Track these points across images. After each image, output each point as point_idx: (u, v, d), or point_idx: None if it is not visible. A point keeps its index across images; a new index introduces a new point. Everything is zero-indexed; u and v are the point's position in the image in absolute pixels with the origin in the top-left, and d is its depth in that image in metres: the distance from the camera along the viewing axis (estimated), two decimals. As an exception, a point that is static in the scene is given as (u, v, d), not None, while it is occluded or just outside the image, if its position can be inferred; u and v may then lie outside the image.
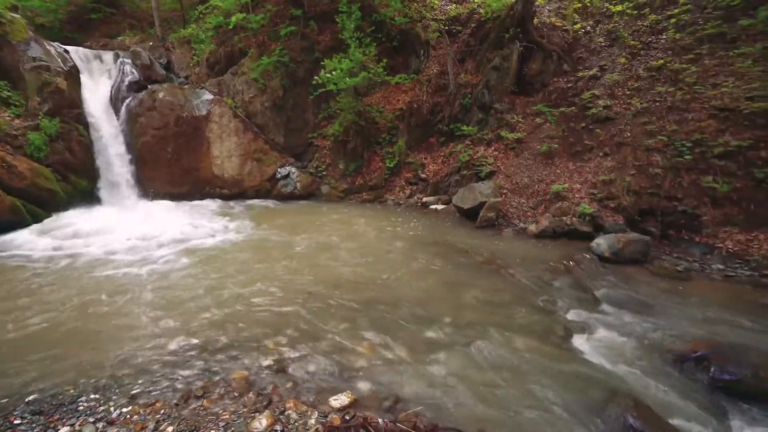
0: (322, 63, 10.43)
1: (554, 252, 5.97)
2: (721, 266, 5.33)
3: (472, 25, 11.45)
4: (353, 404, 2.92)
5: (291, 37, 11.48)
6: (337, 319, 4.13)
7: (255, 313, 4.22)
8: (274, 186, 10.95)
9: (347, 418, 2.74)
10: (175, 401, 2.87)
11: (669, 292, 4.78)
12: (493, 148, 9.45)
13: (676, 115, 7.11)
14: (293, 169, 11.14)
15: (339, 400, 2.93)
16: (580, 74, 9.32)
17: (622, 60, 8.83)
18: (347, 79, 9.92)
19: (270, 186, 10.94)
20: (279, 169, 11.09)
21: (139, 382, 3.08)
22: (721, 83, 7.05)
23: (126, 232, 6.83)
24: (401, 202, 9.93)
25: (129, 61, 10.80)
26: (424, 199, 9.55)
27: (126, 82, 10.32)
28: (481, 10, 11.32)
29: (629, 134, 7.34)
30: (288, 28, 11.30)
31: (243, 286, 4.84)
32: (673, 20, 8.70)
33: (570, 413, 2.90)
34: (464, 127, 10.15)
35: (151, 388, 3.01)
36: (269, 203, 10.42)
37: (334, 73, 10.06)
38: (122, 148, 9.78)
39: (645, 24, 9.21)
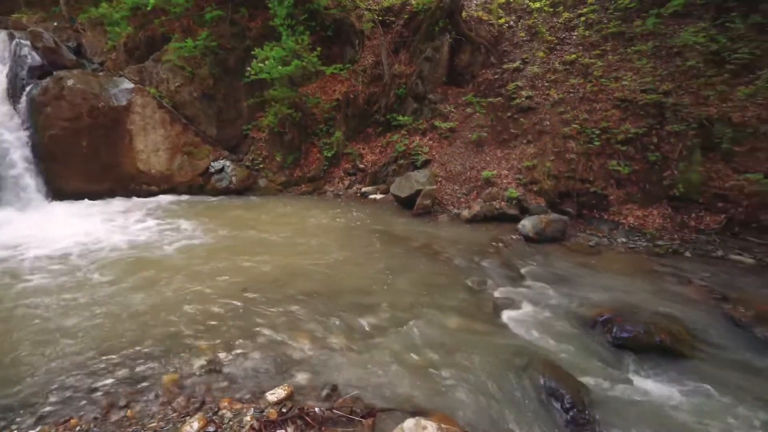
0: (253, 52, 10.03)
1: (485, 235, 6.36)
2: (624, 239, 6.02)
3: (405, 16, 11.60)
4: (291, 396, 2.94)
5: (219, 22, 10.86)
6: (276, 314, 4.09)
7: (186, 315, 4.04)
8: (207, 181, 10.41)
9: (284, 410, 2.76)
10: (94, 415, 2.69)
11: (582, 266, 5.31)
12: (428, 137, 9.73)
13: (586, 105, 7.82)
14: (228, 163, 10.66)
15: (276, 394, 2.93)
16: (505, 66, 9.85)
17: (541, 54, 9.48)
18: (280, 67, 9.64)
19: (203, 181, 10.38)
20: (212, 163, 10.55)
21: (51, 399, 2.84)
22: (622, 77, 7.86)
23: (31, 235, 6.14)
24: (340, 193, 9.93)
25: (27, 43, 9.57)
26: (363, 189, 9.63)
27: (25, 68, 9.16)
28: (413, 1, 11.49)
29: (548, 123, 7.95)
30: (214, 12, 10.68)
31: (170, 288, 4.60)
32: (582, 18, 9.49)
33: (495, 382, 3.15)
34: (400, 117, 10.34)
35: (65, 405, 2.79)
36: (202, 199, 9.90)
37: (266, 62, 9.73)
38: (24, 142, 8.71)
39: (559, 21, 9.95)
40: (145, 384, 3.01)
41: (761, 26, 7.22)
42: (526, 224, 6.22)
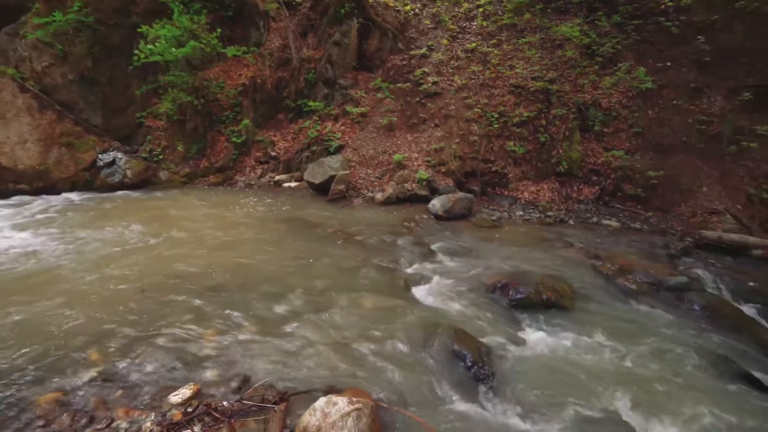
0: (139, 29, 8.99)
1: (398, 216, 6.57)
2: (521, 213, 6.66)
3: (311, -2, 11.29)
4: (197, 394, 2.78)
5: (94, -7, 9.52)
6: (180, 312, 3.81)
7: (73, 327, 3.57)
8: (96, 175, 9.20)
9: (189, 410, 2.61)
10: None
11: (486, 239, 5.77)
12: (340, 122, 9.69)
13: (486, 90, 8.41)
14: (120, 155, 9.52)
15: (180, 395, 2.75)
16: (412, 53, 10.14)
17: (445, 41, 9.92)
18: (174, 49, 8.79)
19: (90, 176, 9.16)
20: (100, 156, 9.35)
21: None
22: (516, 65, 8.57)
23: None
24: (253, 182, 9.49)
25: None
26: (277, 178, 9.32)
27: None
28: (318, -17, 11.21)
29: (453, 107, 8.40)
30: (87, -20, 9.32)
31: (53, 301, 4.03)
32: (480, 9, 10.11)
33: (406, 352, 3.31)
34: (311, 103, 10.13)
35: None
36: (92, 196, 8.75)
37: (157, 43, 8.79)
38: None
39: (461, 11, 10.48)
40: (15, 411, 2.62)
41: (621, 25, 8.36)
42: (436, 204, 6.56)
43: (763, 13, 6.82)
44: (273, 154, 10.15)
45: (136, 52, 8.84)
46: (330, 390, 2.82)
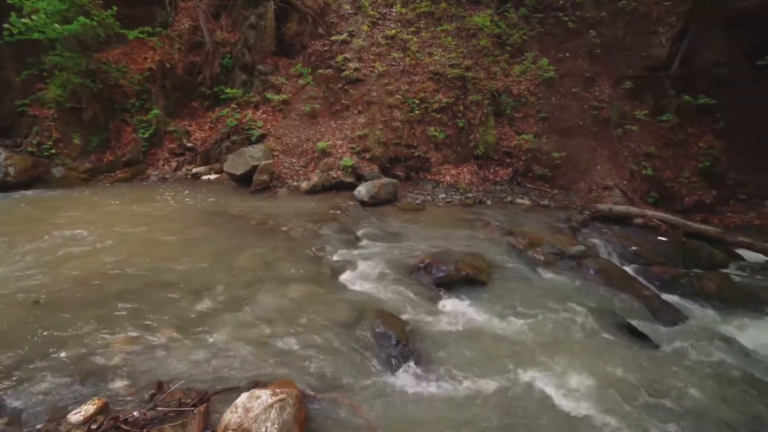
0: (10, 1, 7.72)
1: (324, 204, 6.52)
2: (444, 195, 6.98)
3: (222, -24, 10.54)
4: (103, 409, 2.55)
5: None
6: (83, 322, 3.44)
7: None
8: (-35, 175, 7.88)
9: (93, 427, 2.39)
10: None
11: (411, 222, 5.96)
12: (261, 110, 9.28)
13: (407, 77, 8.57)
14: (-3, 150, 8.24)
15: (82, 412, 2.50)
16: (333, 38, 9.96)
17: (366, 28, 9.88)
18: (57, 25, 7.71)
19: (-43, 176, 7.82)
20: (-31, 151, 8.01)
21: None
22: (434, 53, 8.83)
23: None
24: (168, 176, 8.78)
25: None
26: (194, 170, 8.72)
27: None
28: (229, -39, 10.49)
29: (375, 94, 8.45)
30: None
31: None
32: (399, -5, 10.20)
33: (333, 338, 3.33)
34: (229, 90, 9.57)
35: None
36: (-40, 199, 7.47)
37: (35, 17, 7.64)
38: None
39: (380, -4, 10.48)
40: None
41: (527, 17, 8.97)
42: (362, 190, 6.62)
43: (639, 12, 7.77)
44: (189, 145, 9.45)
45: (6, 26, 7.60)
46: (255, 384, 2.76)
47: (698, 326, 3.94)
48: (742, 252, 5.74)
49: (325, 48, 9.98)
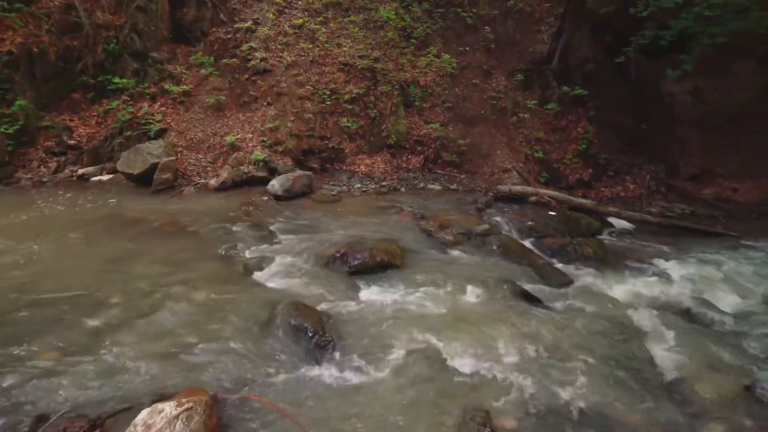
0: None
1: (235, 201, 6.25)
2: (359, 185, 7.11)
3: (97, -50, 9.33)
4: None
5: None
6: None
7: None
8: None
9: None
10: None
11: (327, 213, 5.97)
12: (159, 103, 8.51)
13: (317, 68, 8.47)
14: None
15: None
16: (237, 26, 9.44)
17: (271, 16, 9.51)
18: None
19: None
20: None
21: None
22: (343, 44, 8.83)
23: None
24: (46, 179, 7.65)
25: None
26: (81, 171, 7.73)
27: None
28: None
29: (285, 85, 8.23)
30: None
31: None
32: (303, -16, 9.96)
33: (248, 338, 3.24)
34: (117, 80, 8.59)
35: None
36: None
37: None
38: None
39: (285, -17, 10.13)
40: None
41: (430, 12, 9.38)
42: (275, 184, 6.46)
43: (526, 12, 8.60)
44: (71, 142, 8.33)
45: None
46: (159, 398, 2.59)
47: (580, 286, 4.56)
48: (612, 219, 6.75)
49: (229, 36, 9.42)
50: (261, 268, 4.33)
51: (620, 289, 4.51)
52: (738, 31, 7.38)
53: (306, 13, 9.65)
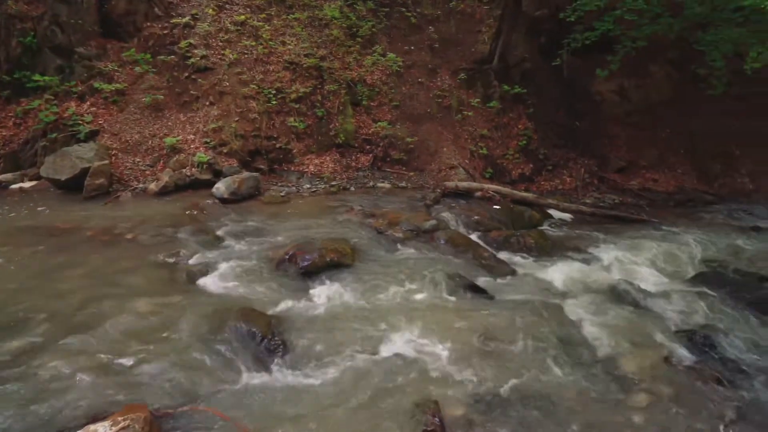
0: None
1: (178, 205, 5.97)
2: (308, 185, 7.04)
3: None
4: None
5: None
6: None
7: None
8: None
9: None
10: None
11: (275, 215, 5.87)
12: (88, 102, 7.90)
13: (261, 66, 8.26)
14: None
15: None
16: (174, 21, 8.96)
17: (211, 11, 9.13)
18: None
19: None
20: None
21: None
22: (288, 42, 8.67)
23: None
24: (-46, 188, 6.86)
25: None
26: (-2, 178, 7.01)
27: None
28: None
29: (228, 84, 7.95)
30: None
31: None
32: (244, -21, 9.64)
33: (195, 346, 3.14)
34: (38, 77, 7.85)
35: None
36: None
37: None
38: None
39: (223, -23, 9.75)
40: None
41: (375, 11, 9.44)
42: (220, 186, 6.25)
43: (467, 13, 8.91)
44: (-16, 146, 7.52)
45: None
46: (93, 419, 2.43)
47: (523, 275, 4.83)
48: (552, 211, 7.20)
49: (165, 32, 8.92)
50: (207, 275, 4.18)
51: (559, 275, 4.81)
52: (654, 36, 8.14)
53: (248, 9, 9.36)
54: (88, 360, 2.94)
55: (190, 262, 4.40)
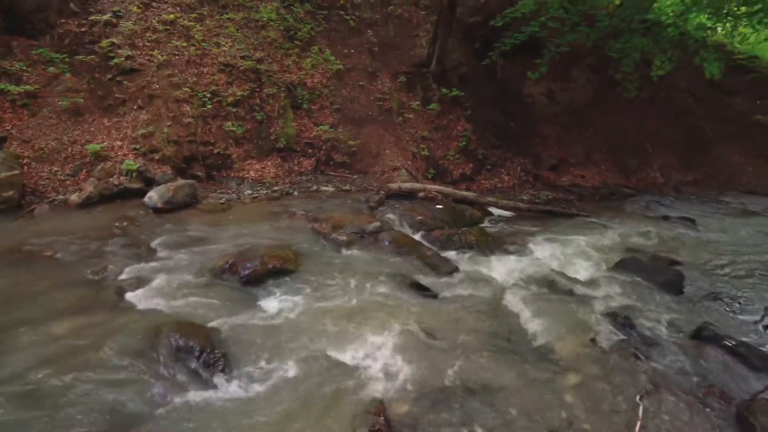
0: None
1: (105, 217, 5.52)
2: (250, 191, 6.81)
3: None
4: None
5: None
6: None
7: None
8: None
9: None
10: None
11: (215, 223, 5.62)
12: (-8, 106, 7.07)
13: (194, 68, 7.87)
14: None
15: None
16: (93, 18, 8.27)
17: (135, 9, 8.54)
18: None
19: None
20: None
21: None
22: (222, 43, 8.34)
23: None
24: None
25: None
26: None
27: None
28: None
29: (158, 86, 7.48)
30: None
31: None
32: (173, -25, 9.13)
33: (126, 367, 2.93)
34: (-73, 78, 6.91)
35: None
36: None
37: None
38: None
39: (149, -27, 9.17)
40: None
41: (313, 13, 9.36)
42: (153, 195, 5.86)
43: (404, 17, 9.12)
44: None
45: None
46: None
47: (465, 272, 5.00)
48: (492, 209, 7.56)
49: (84, 29, 8.21)
50: (138, 290, 3.92)
51: (498, 270, 5.06)
52: (575, 43, 8.86)
53: (178, 8, 8.87)
54: (-3, 393, 2.64)
55: (120, 277, 4.10)
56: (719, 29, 9.07)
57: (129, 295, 3.82)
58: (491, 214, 7.44)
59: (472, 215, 7.00)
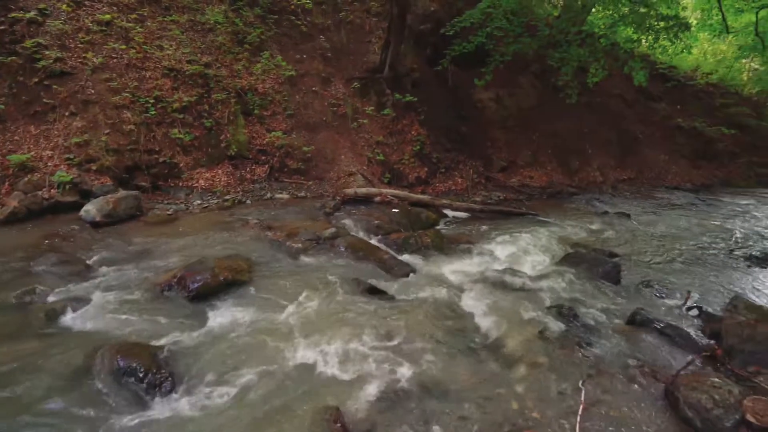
0: None
1: (34, 234, 5.07)
2: (199, 201, 6.53)
3: None
4: None
5: None
6: None
7: None
8: None
9: None
10: None
11: (162, 235, 5.33)
12: None
13: (135, 72, 7.45)
14: None
15: None
16: (14, 15, 7.60)
17: (65, 7, 7.96)
18: None
19: None
20: None
21: None
22: (166, 46, 7.97)
23: None
24: None
25: None
26: None
27: None
28: None
29: (93, 91, 7.01)
30: None
31: None
32: (109, -26, 8.62)
33: (61, 395, 2.72)
34: None
35: None
36: None
37: None
38: None
39: (81, -30, 8.60)
40: None
41: (263, 17, 9.18)
42: (90, 209, 5.47)
43: (356, 23, 9.17)
44: None
45: None
46: None
47: (421, 273, 5.08)
48: (447, 211, 7.74)
49: (3, 27, 7.53)
50: (73, 312, 3.62)
51: (453, 270, 5.19)
52: (519, 51, 9.32)
53: (114, 8, 8.37)
54: None
55: (50, 299, 3.77)
56: (644, 41, 9.94)
57: (62, 318, 3.54)
58: (446, 216, 7.63)
59: (428, 217, 7.14)
